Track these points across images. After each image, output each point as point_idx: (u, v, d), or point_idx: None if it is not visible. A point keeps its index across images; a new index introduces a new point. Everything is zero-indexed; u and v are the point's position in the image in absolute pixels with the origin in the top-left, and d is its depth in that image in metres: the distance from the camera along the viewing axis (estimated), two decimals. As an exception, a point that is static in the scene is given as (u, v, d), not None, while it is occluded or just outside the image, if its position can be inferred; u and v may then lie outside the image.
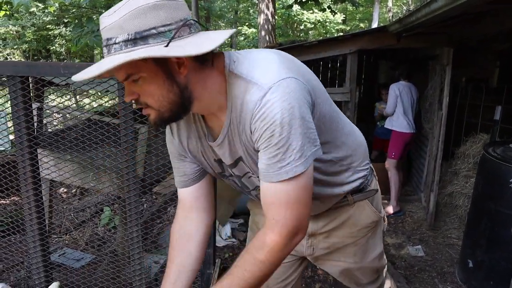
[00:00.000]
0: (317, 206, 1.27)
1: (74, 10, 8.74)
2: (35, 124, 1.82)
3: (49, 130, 3.11)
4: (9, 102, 1.64)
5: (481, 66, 4.73)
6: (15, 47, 14.38)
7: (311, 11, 14.65)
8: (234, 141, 1.03)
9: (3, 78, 1.62)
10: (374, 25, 14.74)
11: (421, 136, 4.54)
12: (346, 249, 1.40)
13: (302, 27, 15.69)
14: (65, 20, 12.06)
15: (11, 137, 2.21)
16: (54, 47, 14.44)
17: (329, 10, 8.39)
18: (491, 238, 2.53)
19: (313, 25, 15.38)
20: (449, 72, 3.45)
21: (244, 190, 1.23)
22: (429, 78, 4.25)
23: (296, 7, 12.96)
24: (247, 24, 17.40)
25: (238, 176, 1.15)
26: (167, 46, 0.84)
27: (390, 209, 4.10)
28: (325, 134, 1.07)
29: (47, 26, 13.46)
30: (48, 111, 2.44)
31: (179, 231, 1.23)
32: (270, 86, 0.89)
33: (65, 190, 4.07)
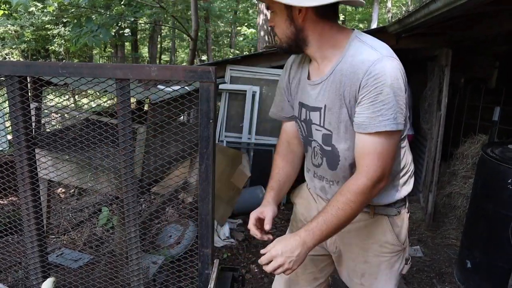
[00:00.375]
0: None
1: (73, 10, 8.73)
2: (33, 124, 1.81)
3: (48, 130, 3.11)
4: (7, 102, 1.64)
5: (480, 67, 4.74)
6: (13, 46, 14.35)
7: (311, 12, 14.64)
8: (327, 90, 1.24)
9: (1, 78, 1.61)
10: (374, 25, 14.75)
11: (419, 136, 4.54)
12: (355, 263, 1.43)
13: (301, 27, 15.67)
14: (64, 20, 12.06)
15: (9, 137, 2.20)
16: (53, 47, 14.42)
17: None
18: (489, 239, 2.54)
19: (312, 26, 15.36)
20: (448, 73, 3.45)
21: (307, 139, 1.40)
22: (428, 78, 4.25)
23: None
24: (246, 24, 17.40)
25: (309, 122, 1.34)
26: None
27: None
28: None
29: (46, 26, 13.44)
30: (46, 111, 2.44)
31: (285, 149, 1.51)
32: (388, 56, 1.15)
33: (63, 190, 4.07)
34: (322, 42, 1.21)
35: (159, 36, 18.59)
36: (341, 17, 16.98)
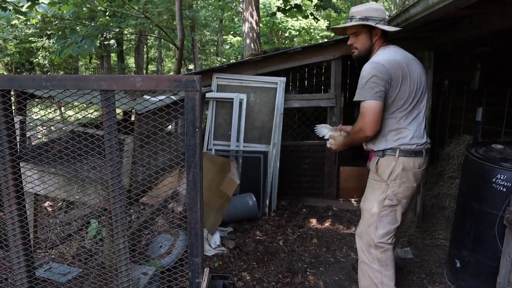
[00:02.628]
0: (374, 138, 2.36)
1: (57, 22, 8.68)
2: (18, 137, 1.79)
3: (33, 143, 3.07)
4: (-10, 116, 1.62)
5: (463, 69, 4.83)
6: (-3, 60, 14.18)
7: (295, 18, 14.79)
8: None
9: (-16, 92, 1.59)
10: (358, 31, 14.92)
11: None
12: (368, 182, 2.46)
13: (286, 34, 15.82)
14: (48, 32, 11.97)
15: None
16: (37, 59, 14.28)
17: (312, 17, 8.50)
18: (476, 238, 2.57)
19: (297, 32, 15.52)
20: (431, 76, 3.51)
21: None
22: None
23: (280, 15, 13.08)
24: (232, 32, 17.49)
25: None
26: (376, 24, 2.25)
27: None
28: (392, 102, 2.24)
29: (30, 39, 13.32)
30: (31, 124, 2.41)
31: None
32: (372, 62, 2.20)
33: (50, 203, 4.01)
34: (374, 50, 2.34)
35: (145, 46, 18.57)
36: (326, 23, 17.17)
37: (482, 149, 2.72)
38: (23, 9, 5.14)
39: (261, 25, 11.13)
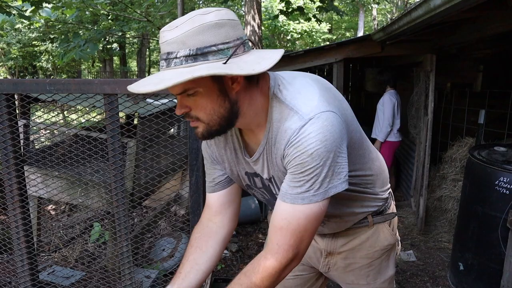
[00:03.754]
0: (337, 224, 1.31)
1: (60, 26, 8.73)
2: (22, 141, 1.80)
3: (36, 146, 3.08)
4: (-6, 120, 1.63)
5: (465, 71, 4.83)
6: (0, 64, 14.26)
7: (297, 21, 14.83)
8: (268, 159, 1.08)
9: (-12, 96, 1.60)
10: (360, 33, 14.97)
11: (408, 141, 4.60)
12: (360, 270, 1.41)
13: (288, 37, 15.86)
14: (51, 36, 12.03)
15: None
16: (40, 63, 14.35)
17: (315, 19, 8.51)
18: (479, 241, 2.57)
19: (299, 35, 15.56)
20: (433, 78, 3.51)
21: (271, 203, 1.26)
22: (414, 84, 4.32)
23: (282, 18, 13.10)
24: (234, 35, 17.48)
25: (268, 188, 1.20)
26: (225, 63, 0.88)
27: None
28: (354, 160, 1.11)
29: (33, 42, 13.39)
30: (35, 127, 2.43)
31: (200, 231, 1.27)
32: (311, 117, 0.93)
33: (53, 207, 4.02)
34: (252, 109, 1.00)
35: (147, 49, 18.62)
36: (328, 26, 17.21)
37: (485, 151, 2.72)
38: (27, 14, 5.18)
39: (263, 28, 11.16)
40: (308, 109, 0.95)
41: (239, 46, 0.92)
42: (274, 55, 0.95)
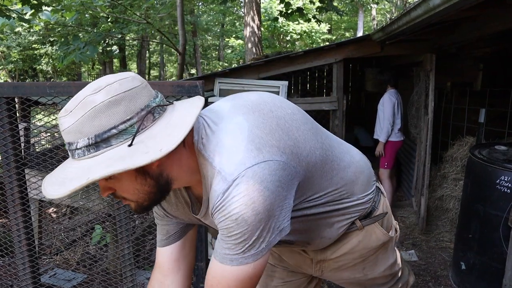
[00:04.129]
0: (322, 242, 1.26)
1: (59, 29, 8.74)
2: (22, 144, 1.80)
3: (37, 149, 3.09)
4: (-5, 123, 1.63)
5: (465, 70, 4.83)
6: (0, 67, 14.28)
7: (297, 22, 14.84)
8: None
9: (-12, 100, 1.61)
10: (359, 33, 14.98)
11: (409, 141, 4.59)
12: (355, 266, 1.37)
13: (288, 38, 15.86)
14: (51, 39, 12.06)
15: (-2, 158, 2.19)
16: (40, 66, 14.38)
17: (314, 20, 8.52)
18: (481, 240, 2.56)
19: (299, 36, 15.57)
20: (433, 78, 3.51)
21: None
22: (414, 84, 4.32)
23: (281, 19, 13.13)
24: (234, 36, 17.56)
25: None
26: (130, 145, 0.80)
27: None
28: (319, 180, 1.05)
29: (33, 46, 13.42)
30: (35, 130, 2.43)
31: None
32: (234, 178, 0.85)
33: (54, 209, 4.02)
34: (184, 171, 0.93)
35: (147, 51, 18.65)
36: (327, 26, 17.22)
37: (486, 150, 2.71)
38: (26, 17, 5.19)
39: (262, 29, 11.17)
40: (232, 168, 0.85)
41: (146, 116, 0.82)
42: (188, 118, 0.84)
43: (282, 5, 7.17)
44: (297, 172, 0.94)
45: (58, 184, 0.81)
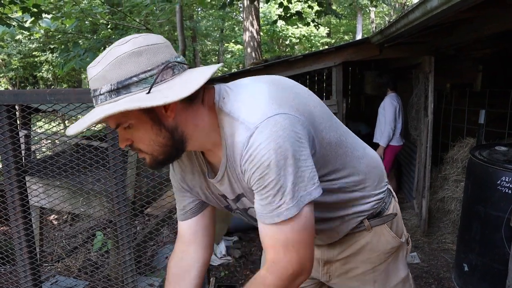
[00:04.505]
0: (330, 235, 1.25)
1: (59, 36, 8.78)
2: (23, 151, 1.81)
3: (38, 156, 3.09)
4: (-5, 131, 1.64)
5: (464, 72, 4.83)
6: (1, 75, 14.33)
7: (296, 26, 14.89)
8: (233, 177, 1.01)
9: (-11, 108, 1.61)
10: (358, 36, 15.02)
11: (409, 143, 4.59)
12: (364, 276, 1.33)
13: (287, 42, 15.91)
14: (51, 46, 12.11)
15: (-1, 166, 2.19)
16: (40, 73, 14.42)
17: (313, 24, 8.55)
18: (483, 241, 2.55)
19: (298, 40, 15.61)
20: (432, 79, 3.52)
21: (252, 223, 1.18)
22: (413, 86, 4.33)
23: (280, 23, 13.16)
24: (233, 41, 17.61)
25: (243, 209, 1.13)
26: (148, 92, 0.84)
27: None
28: (333, 161, 1.05)
29: (33, 53, 13.46)
30: (36, 138, 2.44)
31: (176, 265, 1.23)
32: (257, 126, 0.87)
33: (55, 216, 4.02)
34: (200, 130, 0.95)
35: (147, 57, 18.64)
36: (326, 30, 17.28)
37: (486, 151, 2.71)
38: (27, 25, 5.21)
39: (261, 33, 11.21)
40: (254, 117, 0.89)
41: (164, 71, 0.87)
42: (203, 74, 0.89)
43: (281, 9, 7.20)
44: (313, 139, 0.96)
45: (78, 123, 0.88)
